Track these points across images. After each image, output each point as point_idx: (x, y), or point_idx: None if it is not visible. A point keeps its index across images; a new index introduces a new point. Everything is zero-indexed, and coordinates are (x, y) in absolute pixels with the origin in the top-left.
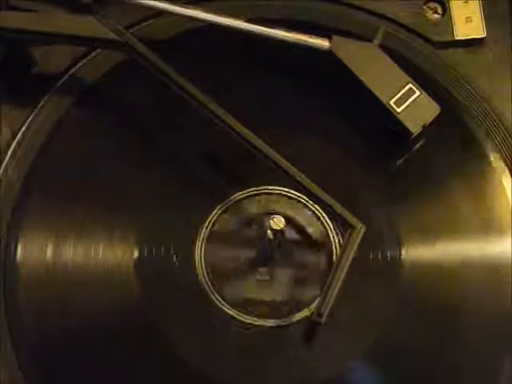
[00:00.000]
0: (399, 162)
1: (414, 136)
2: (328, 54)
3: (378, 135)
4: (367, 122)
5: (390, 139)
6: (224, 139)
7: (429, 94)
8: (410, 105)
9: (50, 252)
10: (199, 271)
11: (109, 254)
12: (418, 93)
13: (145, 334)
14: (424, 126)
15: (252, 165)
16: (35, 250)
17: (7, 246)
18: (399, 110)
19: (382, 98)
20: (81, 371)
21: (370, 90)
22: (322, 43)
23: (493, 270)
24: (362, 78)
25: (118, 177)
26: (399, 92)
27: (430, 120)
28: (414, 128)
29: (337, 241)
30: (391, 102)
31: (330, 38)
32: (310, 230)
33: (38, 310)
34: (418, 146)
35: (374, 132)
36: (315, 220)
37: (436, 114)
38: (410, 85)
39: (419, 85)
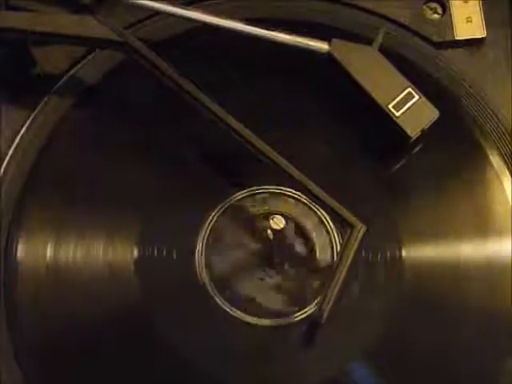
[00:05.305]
0: (399, 161)
1: (412, 139)
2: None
3: (378, 135)
4: (367, 123)
5: (389, 139)
6: (224, 139)
7: (429, 94)
8: (409, 109)
9: (50, 252)
10: (199, 271)
11: (109, 253)
12: (417, 97)
13: (145, 334)
14: (422, 131)
15: (252, 165)
16: (35, 250)
17: (7, 245)
18: (398, 113)
19: (381, 101)
20: (81, 371)
21: (369, 94)
22: (322, 46)
23: (493, 269)
24: (361, 82)
25: (118, 177)
26: (398, 96)
27: (429, 124)
28: (413, 132)
29: (337, 241)
30: (390, 106)
31: (329, 41)
32: (310, 229)
33: (38, 309)
34: (418, 146)
35: (373, 132)
36: (315, 220)
37: (435, 118)
38: (409, 89)
39: (419, 85)
